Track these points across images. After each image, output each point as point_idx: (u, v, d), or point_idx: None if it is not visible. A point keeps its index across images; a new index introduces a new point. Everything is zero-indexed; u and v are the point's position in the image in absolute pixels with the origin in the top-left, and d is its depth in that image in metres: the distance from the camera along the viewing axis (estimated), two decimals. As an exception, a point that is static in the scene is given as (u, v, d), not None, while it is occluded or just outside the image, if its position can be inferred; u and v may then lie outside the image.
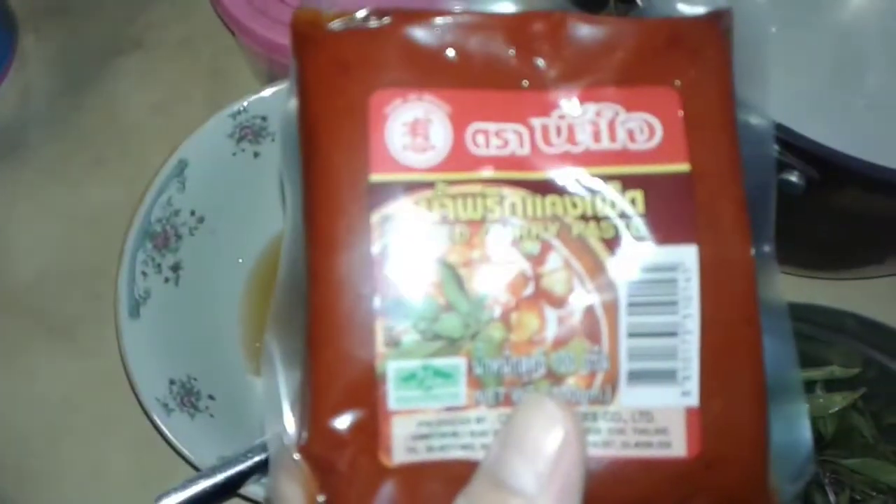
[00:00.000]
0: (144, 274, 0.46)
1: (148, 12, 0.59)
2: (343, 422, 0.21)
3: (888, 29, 0.54)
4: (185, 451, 0.42)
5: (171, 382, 0.44)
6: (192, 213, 0.48)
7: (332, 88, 0.22)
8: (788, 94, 0.49)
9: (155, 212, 0.46)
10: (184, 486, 0.37)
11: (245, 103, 0.48)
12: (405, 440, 0.21)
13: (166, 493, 0.37)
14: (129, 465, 0.48)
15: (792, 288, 0.51)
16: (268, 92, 0.48)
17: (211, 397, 0.45)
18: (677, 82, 0.22)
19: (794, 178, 0.39)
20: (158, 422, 0.43)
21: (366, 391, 0.21)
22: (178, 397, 0.44)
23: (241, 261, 0.50)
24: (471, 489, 0.20)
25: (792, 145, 0.39)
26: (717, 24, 0.23)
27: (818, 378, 0.43)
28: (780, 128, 0.39)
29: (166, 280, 0.47)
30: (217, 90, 0.57)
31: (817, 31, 0.54)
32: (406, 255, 0.21)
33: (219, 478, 0.37)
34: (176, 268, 0.47)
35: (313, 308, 0.22)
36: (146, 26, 0.59)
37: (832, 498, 0.43)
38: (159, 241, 0.47)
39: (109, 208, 0.53)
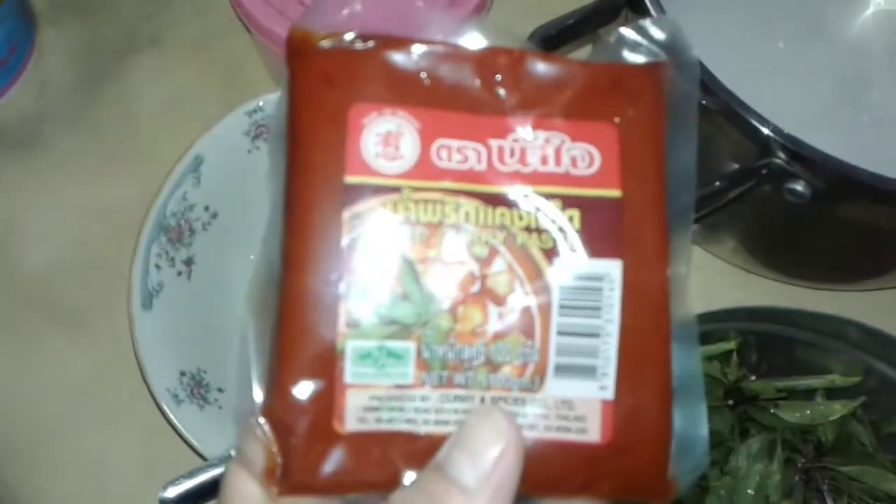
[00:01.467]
0: (158, 267, 0.47)
1: (165, 10, 0.60)
2: (304, 390, 0.24)
3: (894, 46, 0.55)
4: (194, 442, 0.43)
5: (182, 374, 0.45)
6: (206, 208, 0.49)
7: (317, 98, 0.25)
8: (794, 107, 0.50)
9: (170, 205, 0.47)
10: (192, 475, 0.38)
11: (261, 102, 0.49)
12: (357, 411, 0.24)
13: (175, 481, 0.37)
14: (137, 455, 0.48)
15: (796, 298, 0.52)
16: (284, 91, 0.49)
17: (220, 390, 0.45)
18: (616, 119, 0.26)
19: (800, 187, 0.40)
20: (168, 412, 0.43)
21: (326, 365, 0.24)
22: (188, 389, 0.44)
23: (252, 257, 0.50)
24: (421, 478, 0.23)
25: (799, 155, 0.39)
26: (655, 73, 0.27)
27: (819, 386, 0.44)
28: (787, 137, 0.40)
29: (179, 273, 0.47)
30: (231, 89, 0.58)
31: (824, 47, 0.55)
32: (371, 249, 0.24)
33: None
34: (189, 262, 0.48)
35: (286, 289, 0.24)
36: (163, 24, 0.60)
37: (830, 504, 0.44)
38: (173, 235, 0.47)
39: (122, 202, 0.53)
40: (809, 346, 0.44)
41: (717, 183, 0.42)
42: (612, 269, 0.25)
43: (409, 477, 0.24)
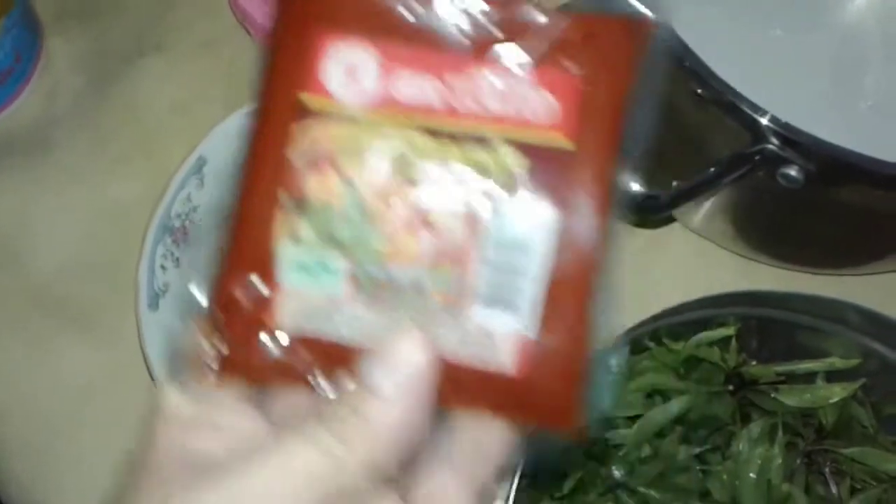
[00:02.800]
0: (163, 268, 0.47)
1: (169, 15, 0.61)
2: (244, 290, 0.26)
3: (889, 32, 0.55)
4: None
5: (189, 370, 0.45)
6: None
7: (293, 22, 0.26)
8: (791, 93, 0.50)
9: (175, 207, 0.48)
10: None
11: (262, 102, 0.49)
12: (291, 314, 0.26)
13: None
14: (147, 452, 0.49)
15: (796, 284, 0.52)
16: (284, 91, 0.49)
17: (227, 385, 0.46)
18: (582, 72, 0.26)
19: (793, 172, 0.40)
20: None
21: (265, 270, 0.26)
22: (195, 385, 0.45)
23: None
24: (343, 390, 0.25)
25: (791, 140, 0.40)
26: (634, 28, 0.26)
27: (819, 369, 0.44)
28: (779, 123, 0.40)
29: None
30: (236, 91, 0.58)
31: (820, 34, 0.55)
32: (318, 168, 0.26)
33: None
34: (194, 261, 0.49)
35: (238, 193, 0.26)
36: (167, 29, 0.61)
37: (833, 487, 0.44)
38: (178, 236, 0.48)
39: (130, 204, 0.54)
40: (809, 330, 0.44)
41: (712, 169, 0.42)
42: (550, 216, 0.25)
43: (331, 377, 0.26)
